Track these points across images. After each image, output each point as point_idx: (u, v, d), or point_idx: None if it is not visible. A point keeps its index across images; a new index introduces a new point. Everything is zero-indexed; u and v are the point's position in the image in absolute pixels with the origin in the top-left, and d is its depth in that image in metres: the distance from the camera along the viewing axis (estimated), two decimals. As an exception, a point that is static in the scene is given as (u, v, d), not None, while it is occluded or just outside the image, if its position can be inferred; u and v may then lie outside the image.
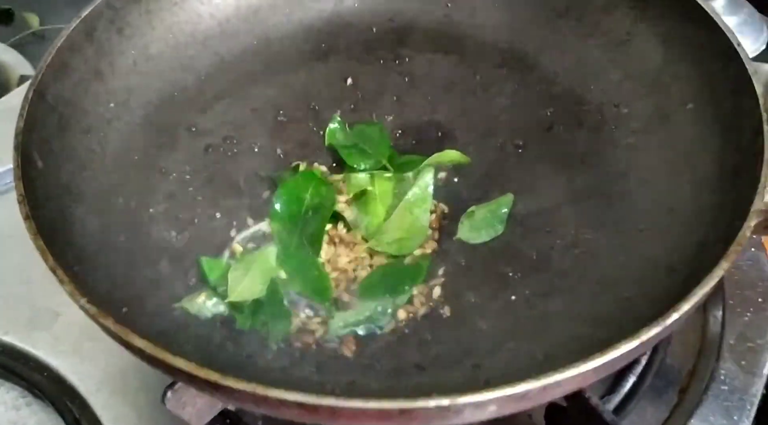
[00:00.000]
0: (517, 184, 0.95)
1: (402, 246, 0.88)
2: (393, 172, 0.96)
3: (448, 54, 1.11)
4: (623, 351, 0.64)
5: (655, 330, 0.65)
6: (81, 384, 0.92)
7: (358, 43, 1.14)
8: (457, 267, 0.89)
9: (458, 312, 0.85)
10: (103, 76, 1.00)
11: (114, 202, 0.93)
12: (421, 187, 0.93)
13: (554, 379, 0.62)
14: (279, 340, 0.81)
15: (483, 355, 0.80)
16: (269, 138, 1.04)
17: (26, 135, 0.84)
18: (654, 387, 0.88)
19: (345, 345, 0.82)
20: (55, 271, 0.72)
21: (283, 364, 0.81)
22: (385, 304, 0.84)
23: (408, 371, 0.80)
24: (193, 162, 1.00)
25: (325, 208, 0.91)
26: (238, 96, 1.08)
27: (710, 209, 0.83)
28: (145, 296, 0.85)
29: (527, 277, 0.86)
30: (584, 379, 0.65)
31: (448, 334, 0.83)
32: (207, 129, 1.04)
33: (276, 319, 0.82)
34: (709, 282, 0.68)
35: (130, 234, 0.90)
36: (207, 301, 0.83)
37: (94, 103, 0.98)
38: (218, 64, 1.11)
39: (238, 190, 0.98)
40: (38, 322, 0.98)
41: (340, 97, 1.08)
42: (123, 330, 0.68)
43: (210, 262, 0.87)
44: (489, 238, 0.90)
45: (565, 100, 1.03)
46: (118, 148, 0.98)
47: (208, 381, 0.65)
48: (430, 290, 0.87)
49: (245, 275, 0.84)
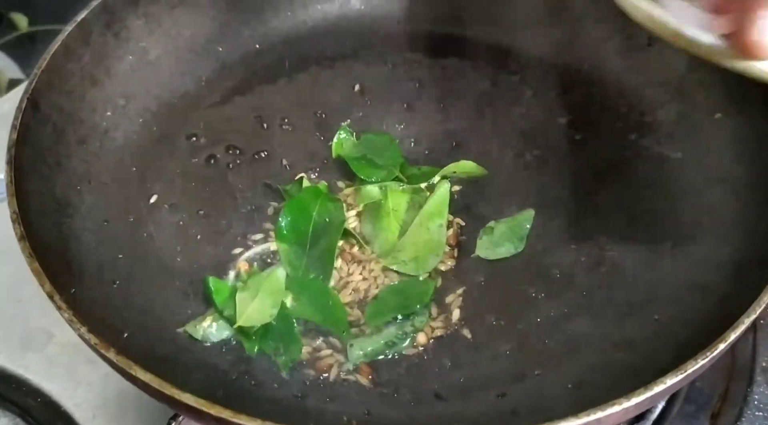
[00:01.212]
0: (537, 197, 0.91)
1: (419, 264, 0.84)
2: (406, 183, 0.91)
3: (461, 59, 1.06)
4: (668, 385, 0.60)
5: (701, 361, 0.61)
6: (76, 410, 0.87)
7: (365, 48, 1.09)
8: (476, 287, 0.84)
9: (479, 335, 0.80)
10: (99, 83, 0.95)
11: (111, 218, 0.88)
12: (437, 200, 0.88)
13: (595, 417, 0.58)
14: (289, 368, 0.77)
15: (508, 383, 0.75)
16: (274, 148, 0.98)
17: (20, 148, 0.79)
18: (684, 413, 0.84)
19: (360, 372, 0.77)
20: (53, 297, 0.67)
21: (294, 393, 0.76)
22: (405, 328, 0.79)
23: (428, 400, 0.75)
24: (194, 174, 0.95)
25: (334, 227, 0.85)
26: (241, 103, 1.03)
27: (745, 224, 0.79)
28: (146, 319, 0.80)
29: (551, 297, 0.82)
30: (625, 414, 0.60)
31: (469, 359, 0.78)
32: (208, 138, 0.98)
33: (287, 345, 0.78)
34: (756, 308, 0.64)
35: (128, 251, 0.85)
36: (213, 325, 0.78)
37: (90, 111, 0.93)
38: (219, 70, 1.06)
39: (242, 203, 0.92)
40: (31, 343, 0.93)
41: (348, 105, 1.02)
42: (126, 362, 0.63)
43: (217, 283, 0.82)
44: (509, 255, 0.86)
45: (585, 108, 0.99)
46: (115, 159, 0.93)
47: (218, 418, 0.60)
48: (450, 312, 0.82)
49: (253, 298, 0.79)
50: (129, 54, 0.99)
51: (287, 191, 0.92)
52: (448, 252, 0.87)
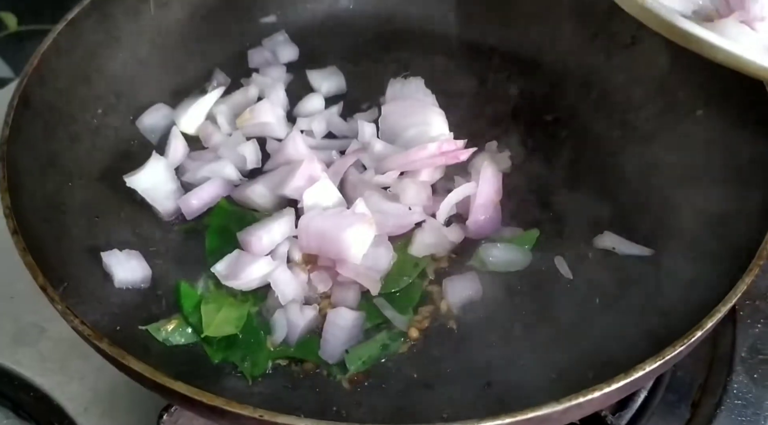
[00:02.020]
0: (522, 190, 0.93)
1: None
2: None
3: (449, 57, 1.08)
4: (647, 371, 0.61)
5: (679, 348, 0.62)
6: (69, 404, 0.88)
7: (354, 47, 1.10)
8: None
9: (466, 326, 0.82)
10: (90, 81, 0.96)
11: (102, 214, 0.89)
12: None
13: (577, 401, 0.60)
14: (257, 377, 0.77)
15: (494, 373, 0.77)
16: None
17: (12, 145, 0.79)
18: (666, 402, 0.86)
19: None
20: (46, 290, 0.68)
21: (284, 383, 0.78)
22: (400, 324, 0.81)
23: (416, 390, 0.77)
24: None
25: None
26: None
27: (723, 217, 0.81)
28: (135, 314, 0.81)
29: (535, 289, 0.84)
30: (608, 399, 0.62)
31: (456, 351, 0.80)
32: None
33: (253, 356, 0.79)
34: (733, 297, 0.66)
35: (116, 245, 0.86)
36: (177, 330, 0.79)
37: (81, 109, 0.94)
38: (209, 67, 1.07)
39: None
40: (23, 339, 0.93)
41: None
42: (119, 352, 0.64)
43: (186, 289, 0.83)
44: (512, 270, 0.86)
45: (569, 105, 1.01)
46: (106, 157, 0.94)
47: (210, 406, 0.61)
48: (437, 305, 0.83)
49: (218, 310, 0.81)
50: (120, 52, 1.00)
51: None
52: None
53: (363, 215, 0.83)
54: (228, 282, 0.82)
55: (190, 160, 0.95)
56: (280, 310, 0.81)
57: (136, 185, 0.89)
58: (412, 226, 0.87)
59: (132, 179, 0.89)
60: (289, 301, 0.81)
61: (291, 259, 0.85)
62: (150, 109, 1.00)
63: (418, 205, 0.87)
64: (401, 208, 0.87)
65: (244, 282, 0.82)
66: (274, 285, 0.81)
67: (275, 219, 0.86)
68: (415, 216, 0.87)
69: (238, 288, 0.83)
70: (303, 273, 0.84)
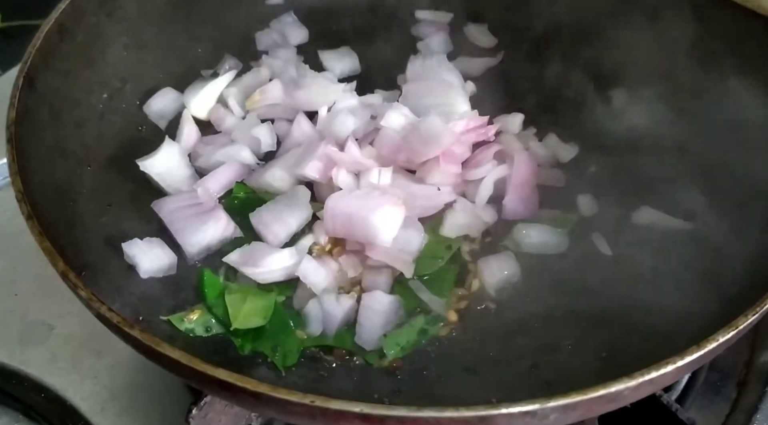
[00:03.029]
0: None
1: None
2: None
3: (463, 34, 1.04)
4: (719, 342, 0.58)
5: (751, 317, 0.59)
6: (83, 404, 0.83)
7: (366, 26, 1.06)
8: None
9: (505, 307, 0.78)
10: (93, 64, 0.91)
11: (114, 202, 0.84)
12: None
13: (650, 377, 0.56)
14: (289, 367, 0.73)
15: (539, 354, 0.73)
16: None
17: (19, 127, 0.74)
18: (709, 382, 0.83)
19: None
20: (68, 276, 0.62)
21: (320, 372, 0.73)
22: (433, 313, 0.77)
23: (458, 374, 0.73)
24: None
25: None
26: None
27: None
28: (156, 302, 0.77)
29: (578, 264, 0.80)
30: (678, 373, 0.58)
31: (498, 333, 0.76)
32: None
33: (284, 345, 0.74)
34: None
35: (132, 233, 0.81)
36: (200, 320, 0.75)
37: (86, 93, 0.89)
38: (216, 50, 1.02)
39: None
40: (30, 337, 0.88)
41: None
42: (153, 339, 0.59)
43: (210, 276, 0.79)
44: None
45: (589, 79, 0.97)
46: (114, 144, 0.89)
47: (254, 393, 0.57)
48: (473, 284, 0.80)
49: (244, 300, 0.76)
50: (123, 35, 0.95)
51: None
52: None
53: (391, 196, 0.79)
54: (245, 270, 0.78)
55: (203, 145, 0.91)
56: (313, 301, 0.76)
57: (150, 170, 0.84)
58: (442, 207, 0.83)
59: (146, 163, 0.84)
60: (323, 291, 0.77)
61: (317, 244, 0.81)
62: (157, 94, 0.95)
63: (448, 184, 0.84)
64: (429, 189, 0.83)
65: (263, 271, 0.78)
66: (303, 278, 0.77)
67: (288, 205, 0.82)
68: (444, 196, 0.83)
69: (255, 279, 0.78)
70: (332, 260, 0.80)
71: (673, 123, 0.89)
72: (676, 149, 0.87)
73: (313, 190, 0.85)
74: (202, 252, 0.81)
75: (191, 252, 0.80)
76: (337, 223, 0.79)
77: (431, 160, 0.84)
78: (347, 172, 0.82)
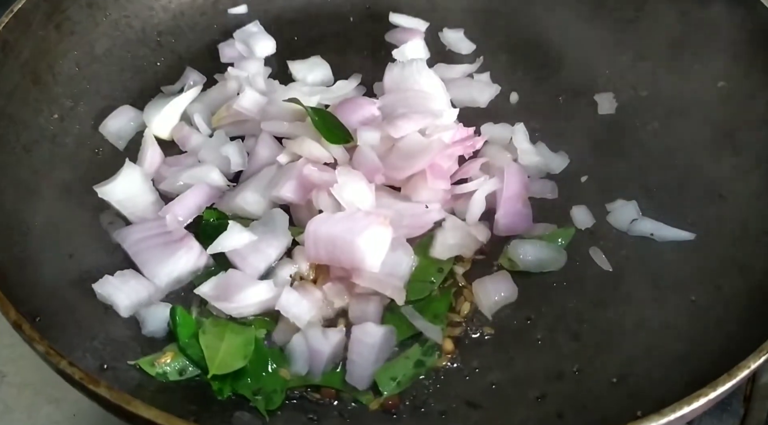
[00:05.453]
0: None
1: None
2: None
3: (440, 40, 0.99)
4: (751, 369, 0.53)
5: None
6: (43, 457, 0.75)
7: (336, 35, 1.00)
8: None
9: (504, 332, 0.73)
10: (42, 82, 0.83)
11: (70, 235, 0.76)
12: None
13: (679, 413, 0.51)
14: (274, 411, 0.66)
15: (545, 382, 0.68)
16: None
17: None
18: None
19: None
20: (21, 327, 0.55)
21: (308, 416, 0.67)
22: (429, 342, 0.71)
23: (461, 409, 0.67)
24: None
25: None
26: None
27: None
28: (122, 345, 0.69)
29: (573, 284, 0.75)
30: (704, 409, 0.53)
31: (498, 360, 0.70)
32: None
33: (266, 387, 0.68)
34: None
35: (90, 271, 0.73)
36: (173, 363, 0.67)
37: (35, 113, 0.82)
38: (176, 64, 0.95)
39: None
40: (-20, 387, 0.80)
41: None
42: (123, 397, 0.52)
43: (183, 315, 0.71)
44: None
45: (575, 86, 0.93)
46: (68, 168, 0.81)
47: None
48: (468, 311, 0.74)
49: (221, 338, 0.69)
50: (73, 49, 0.88)
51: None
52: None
53: (377, 215, 0.73)
54: (218, 305, 0.71)
55: (167, 167, 0.83)
56: (297, 336, 0.70)
57: (110, 196, 0.77)
58: (431, 226, 0.78)
59: (104, 189, 0.77)
60: (307, 324, 0.70)
61: (299, 272, 0.75)
62: (114, 113, 0.88)
63: (436, 201, 0.78)
64: (417, 206, 0.78)
65: (237, 306, 0.71)
66: (284, 311, 0.70)
67: (265, 233, 0.75)
68: (433, 214, 0.78)
69: (230, 314, 0.72)
70: (316, 289, 0.73)
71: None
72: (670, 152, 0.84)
73: (290, 213, 0.79)
74: (171, 285, 0.74)
75: (160, 286, 0.73)
76: (320, 249, 0.72)
77: (417, 176, 0.78)
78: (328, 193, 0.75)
